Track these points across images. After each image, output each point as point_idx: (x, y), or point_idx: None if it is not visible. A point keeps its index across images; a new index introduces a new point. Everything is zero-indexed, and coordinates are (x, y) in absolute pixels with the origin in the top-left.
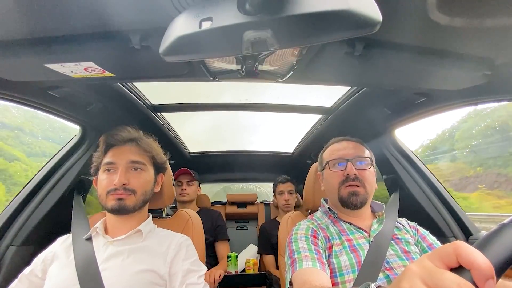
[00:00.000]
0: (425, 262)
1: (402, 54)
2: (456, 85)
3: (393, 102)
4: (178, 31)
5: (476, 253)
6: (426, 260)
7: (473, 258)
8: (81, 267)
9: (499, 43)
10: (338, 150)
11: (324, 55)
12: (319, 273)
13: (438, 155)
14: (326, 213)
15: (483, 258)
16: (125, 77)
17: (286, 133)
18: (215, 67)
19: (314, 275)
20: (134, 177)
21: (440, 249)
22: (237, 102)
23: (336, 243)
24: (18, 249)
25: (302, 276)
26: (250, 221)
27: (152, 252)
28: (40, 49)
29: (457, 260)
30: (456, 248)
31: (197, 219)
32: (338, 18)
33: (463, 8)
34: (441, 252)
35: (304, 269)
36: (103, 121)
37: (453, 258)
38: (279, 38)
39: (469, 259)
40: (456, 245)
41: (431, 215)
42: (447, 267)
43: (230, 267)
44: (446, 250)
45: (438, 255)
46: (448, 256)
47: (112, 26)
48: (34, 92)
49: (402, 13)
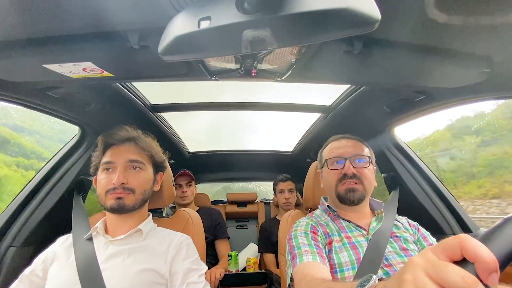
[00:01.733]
0: (428, 254)
1: (401, 52)
2: (455, 83)
3: (392, 100)
4: (176, 30)
5: (480, 246)
6: (429, 252)
7: (477, 251)
8: (82, 267)
9: (497, 41)
10: (337, 148)
11: (323, 53)
12: (320, 266)
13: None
14: (325, 211)
15: (487, 252)
16: (123, 77)
17: (285, 132)
18: (214, 67)
19: (315, 268)
20: (133, 176)
21: (444, 242)
22: (236, 101)
23: (336, 239)
24: (18, 249)
25: (303, 269)
26: (250, 220)
27: (152, 252)
28: (38, 50)
29: (461, 253)
30: (461, 241)
31: (197, 219)
32: (337, 16)
33: (461, 6)
34: (445, 245)
35: (304, 263)
36: (102, 121)
37: (457, 251)
38: (277, 37)
39: (474, 252)
40: (461, 238)
41: (431, 212)
42: (450, 260)
43: (231, 266)
44: (451, 242)
45: (442, 247)
46: (452, 249)
47: (111, 26)
48: (32, 92)
49: (401, 11)
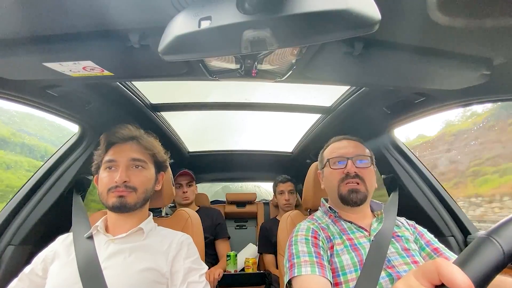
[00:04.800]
0: (411, 280)
1: (401, 54)
2: (455, 85)
3: (392, 101)
4: (177, 30)
5: (455, 272)
6: (412, 277)
7: (453, 277)
8: (83, 266)
9: (497, 43)
10: (339, 149)
11: (323, 54)
12: (319, 280)
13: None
14: (326, 213)
15: (462, 277)
16: (124, 76)
17: (285, 133)
18: (214, 66)
19: (313, 283)
20: (135, 175)
21: (423, 266)
22: (237, 101)
23: (337, 242)
24: (17, 248)
25: (302, 284)
26: (249, 220)
27: (153, 251)
28: (38, 48)
29: (439, 278)
30: (437, 266)
31: (196, 218)
32: (337, 17)
33: (464, 8)
34: (425, 270)
35: (302, 276)
36: (102, 120)
37: (436, 276)
38: (278, 38)
39: (449, 278)
40: (437, 263)
41: (430, 214)
42: (431, 285)
43: (229, 266)
44: (429, 268)
45: (422, 272)
46: (431, 274)
47: (111, 25)
48: (32, 91)
49: (402, 12)
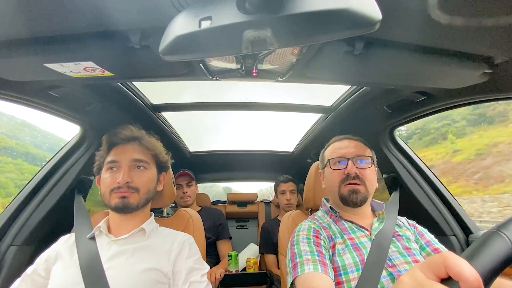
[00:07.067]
0: (416, 273)
1: (402, 53)
2: (456, 84)
3: (393, 101)
4: (177, 30)
5: (463, 264)
6: (418, 271)
7: (460, 270)
8: (86, 266)
9: (499, 42)
10: (340, 149)
11: (324, 54)
12: (322, 277)
13: None
14: (327, 212)
15: (470, 270)
16: (124, 77)
17: (286, 132)
18: (215, 66)
19: (316, 280)
20: (137, 176)
21: (430, 259)
22: (237, 101)
23: (338, 241)
24: (19, 249)
25: (305, 281)
26: (250, 220)
27: (155, 251)
28: (39, 49)
29: (446, 271)
30: (444, 259)
31: (198, 219)
32: (338, 17)
33: (465, 7)
34: (431, 263)
35: (305, 274)
36: (103, 121)
37: (442, 270)
38: (278, 37)
39: (457, 271)
40: (444, 256)
41: (431, 213)
42: (437, 278)
43: (231, 266)
44: (436, 261)
45: (428, 265)
46: (437, 267)
47: (112, 26)
48: (33, 92)
49: (402, 11)
